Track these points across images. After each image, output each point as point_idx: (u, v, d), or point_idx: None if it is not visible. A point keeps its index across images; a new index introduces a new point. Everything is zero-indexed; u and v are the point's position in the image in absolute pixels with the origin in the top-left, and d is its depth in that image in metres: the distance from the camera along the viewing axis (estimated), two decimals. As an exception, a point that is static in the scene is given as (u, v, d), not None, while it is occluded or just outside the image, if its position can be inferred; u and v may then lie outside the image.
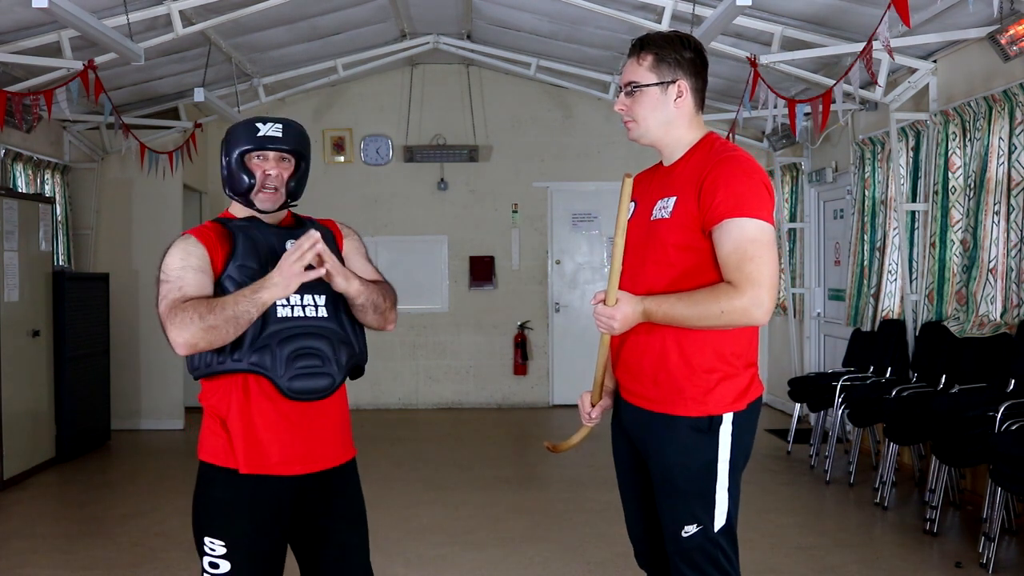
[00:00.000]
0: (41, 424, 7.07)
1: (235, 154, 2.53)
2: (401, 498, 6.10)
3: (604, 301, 2.48)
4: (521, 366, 9.97)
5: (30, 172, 7.75)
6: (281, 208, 2.58)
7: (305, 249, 2.36)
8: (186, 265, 2.45)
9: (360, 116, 9.99)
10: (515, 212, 9.99)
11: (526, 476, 7.06)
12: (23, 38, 6.21)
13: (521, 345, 9.96)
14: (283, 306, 2.48)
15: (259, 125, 2.53)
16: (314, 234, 2.38)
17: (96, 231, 8.67)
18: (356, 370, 2.65)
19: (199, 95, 7.46)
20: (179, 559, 4.80)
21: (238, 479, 2.48)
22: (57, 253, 8.02)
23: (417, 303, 9.84)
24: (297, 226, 2.63)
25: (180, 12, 6.28)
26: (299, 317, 2.49)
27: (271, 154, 2.53)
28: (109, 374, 8.17)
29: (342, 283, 2.49)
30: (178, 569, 4.66)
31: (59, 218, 8.16)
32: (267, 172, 2.53)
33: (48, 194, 7.97)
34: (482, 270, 9.96)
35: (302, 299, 2.50)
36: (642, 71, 2.52)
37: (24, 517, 5.81)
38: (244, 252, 2.49)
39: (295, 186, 2.58)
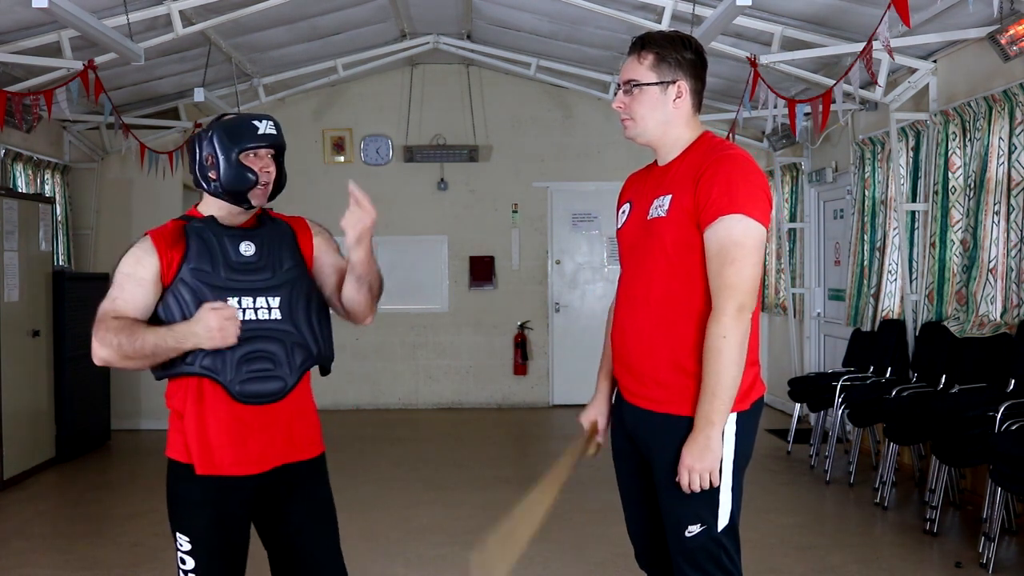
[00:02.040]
0: (41, 424, 7.07)
1: (235, 151, 2.50)
2: (401, 498, 6.10)
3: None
4: (521, 366, 9.97)
5: (30, 172, 7.75)
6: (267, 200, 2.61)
7: (222, 321, 2.39)
8: (132, 275, 2.47)
9: (360, 116, 9.99)
10: (515, 212, 9.99)
11: (526, 476, 7.04)
12: (23, 38, 6.21)
13: (521, 345, 9.96)
14: (235, 309, 2.47)
15: (257, 123, 2.54)
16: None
17: (96, 231, 8.67)
18: (321, 369, 2.65)
19: (199, 95, 7.46)
20: (179, 559, 4.80)
21: (197, 477, 2.50)
22: (57, 253, 8.02)
23: (417, 303, 9.85)
24: (258, 225, 2.61)
25: (180, 12, 6.28)
26: (251, 320, 2.48)
27: (263, 151, 2.54)
28: (109, 374, 8.17)
29: (353, 240, 2.50)
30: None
31: (59, 218, 8.16)
32: (264, 169, 2.54)
33: (48, 194, 7.97)
34: (482, 270, 9.96)
35: (254, 302, 2.50)
36: (642, 70, 2.51)
37: (24, 517, 5.81)
38: (197, 254, 2.49)
39: (280, 181, 2.61)
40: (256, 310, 2.50)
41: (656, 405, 2.49)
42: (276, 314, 2.52)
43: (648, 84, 2.50)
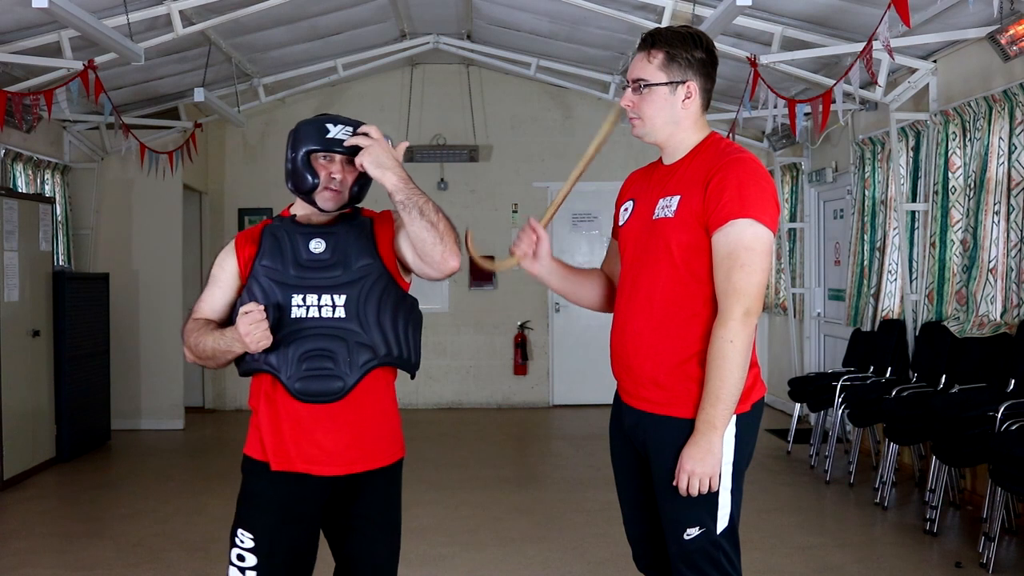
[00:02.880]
0: (41, 424, 7.06)
1: (301, 152, 2.51)
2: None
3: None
4: (521, 366, 9.97)
5: (30, 172, 7.75)
6: (342, 209, 2.58)
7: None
8: (214, 276, 2.61)
9: (360, 116, 9.62)
10: (515, 212, 9.99)
11: (526, 476, 7.05)
12: (23, 38, 6.21)
13: (521, 345, 9.96)
14: (298, 307, 2.48)
15: (329, 126, 2.52)
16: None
17: (96, 231, 8.67)
18: (405, 370, 2.61)
19: (199, 95, 7.46)
20: (179, 559, 4.80)
21: (270, 474, 2.49)
22: (57, 253, 8.02)
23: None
24: (335, 223, 2.59)
25: (180, 12, 6.28)
26: (313, 318, 2.48)
27: (338, 156, 2.53)
28: (109, 374, 8.17)
29: (375, 171, 2.44)
30: (178, 569, 4.66)
31: (59, 218, 8.15)
32: (332, 175, 2.52)
33: (48, 194, 7.96)
34: (482, 270, 9.95)
35: (319, 299, 2.49)
36: (652, 69, 2.48)
37: (24, 517, 5.80)
38: (269, 252, 2.53)
39: (358, 190, 2.59)
40: (320, 307, 2.49)
41: (655, 407, 2.48)
42: (340, 312, 2.49)
43: (657, 84, 2.47)
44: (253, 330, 2.39)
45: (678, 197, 2.45)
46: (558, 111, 10.00)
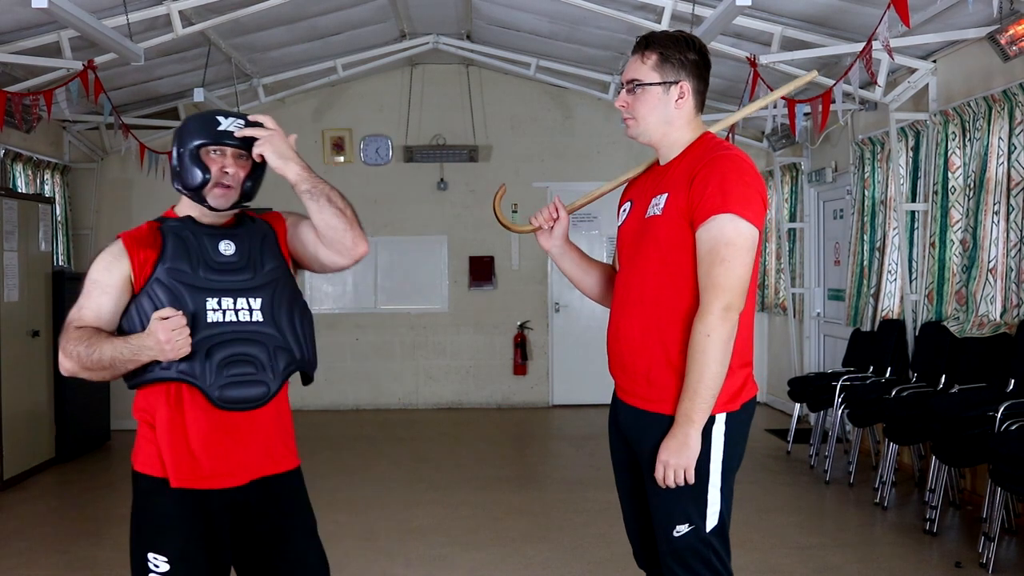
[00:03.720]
0: (41, 424, 7.07)
1: (190, 146, 2.39)
2: (401, 498, 6.10)
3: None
4: (521, 366, 9.97)
5: (30, 172, 7.75)
6: (233, 207, 2.45)
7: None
8: (99, 281, 2.38)
9: (360, 116, 9.98)
10: (515, 212, 9.97)
11: (526, 476, 7.05)
12: (23, 38, 6.21)
13: (521, 345, 9.96)
14: (214, 311, 2.35)
15: (220, 119, 2.40)
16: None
17: (96, 231, 8.67)
18: (304, 377, 2.52)
19: (199, 95, 7.46)
20: (179, 559, 4.80)
21: (172, 491, 2.37)
22: (57, 253, 8.02)
23: (417, 303, 9.85)
24: (237, 225, 2.48)
25: (180, 12, 6.28)
26: (231, 322, 2.36)
27: (229, 150, 2.40)
28: (109, 374, 8.16)
29: (276, 161, 2.36)
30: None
31: (59, 218, 8.16)
32: (224, 169, 2.40)
33: (48, 194, 7.97)
34: (482, 270, 9.96)
35: (235, 303, 2.37)
36: (645, 70, 2.51)
37: (24, 517, 5.81)
38: (173, 253, 2.37)
39: (251, 186, 2.46)
40: (237, 311, 2.37)
41: (647, 404, 2.50)
42: (258, 316, 2.39)
43: (651, 84, 2.51)
44: (175, 336, 2.24)
45: (666, 195, 2.48)
46: (558, 111, 10.00)
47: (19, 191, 7.30)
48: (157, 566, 2.38)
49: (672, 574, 2.47)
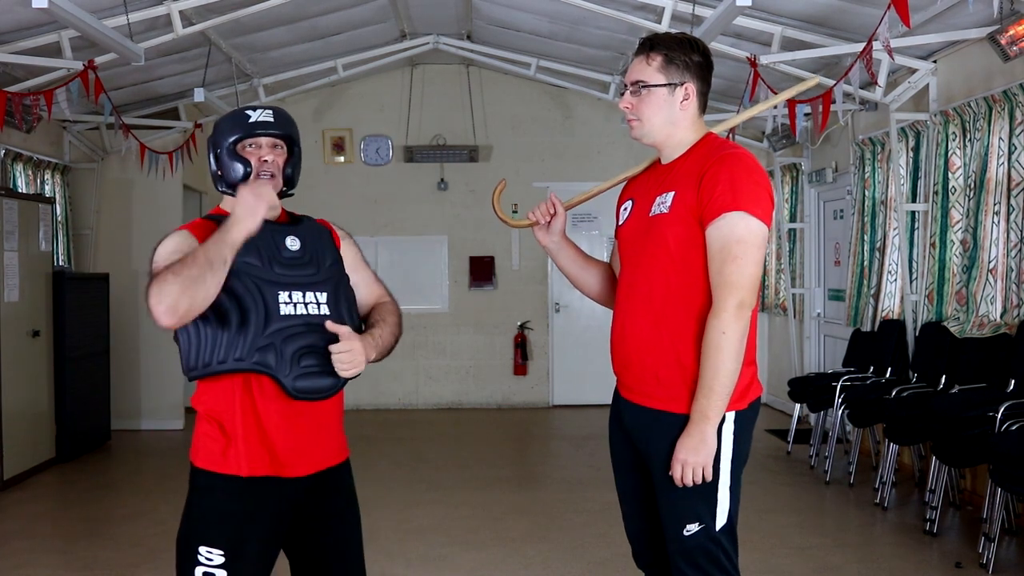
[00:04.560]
0: (41, 424, 7.07)
1: (227, 144, 2.45)
2: (401, 498, 6.10)
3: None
4: (521, 366, 9.97)
5: (30, 172, 7.75)
6: (280, 197, 2.51)
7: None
8: (177, 251, 2.34)
9: (360, 116, 9.99)
10: (515, 212, 9.97)
11: (526, 476, 7.06)
12: (23, 38, 6.21)
13: (521, 345, 9.96)
14: (285, 304, 2.40)
15: (249, 112, 2.47)
16: (348, 340, 2.41)
17: (96, 231, 8.67)
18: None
19: (199, 95, 7.46)
20: (179, 559, 4.80)
21: (240, 485, 2.40)
22: (57, 253, 8.02)
23: (417, 303, 9.84)
24: (294, 222, 2.54)
25: (180, 12, 6.28)
26: (302, 315, 2.41)
27: (264, 140, 2.46)
28: (109, 374, 8.17)
29: (372, 355, 2.50)
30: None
31: (59, 218, 8.15)
32: (263, 159, 2.46)
33: (48, 194, 7.96)
34: (482, 270, 9.96)
35: (304, 296, 2.43)
36: (650, 71, 2.53)
37: (24, 517, 5.81)
38: (244, 248, 2.35)
39: (291, 172, 2.53)
40: (307, 304, 2.43)
41: (655, 402, 2.50)
42: (324, 309, 2.45)
43: (656, 86, 2.52)
44: (261, 186, 2.33)
45: (673, 193, 2.49)
46: (558, 111, 10.00)
47: (19, 191, 7.30)
48: (210, 559, 2.40)
49: (682, 574, 2.47)
